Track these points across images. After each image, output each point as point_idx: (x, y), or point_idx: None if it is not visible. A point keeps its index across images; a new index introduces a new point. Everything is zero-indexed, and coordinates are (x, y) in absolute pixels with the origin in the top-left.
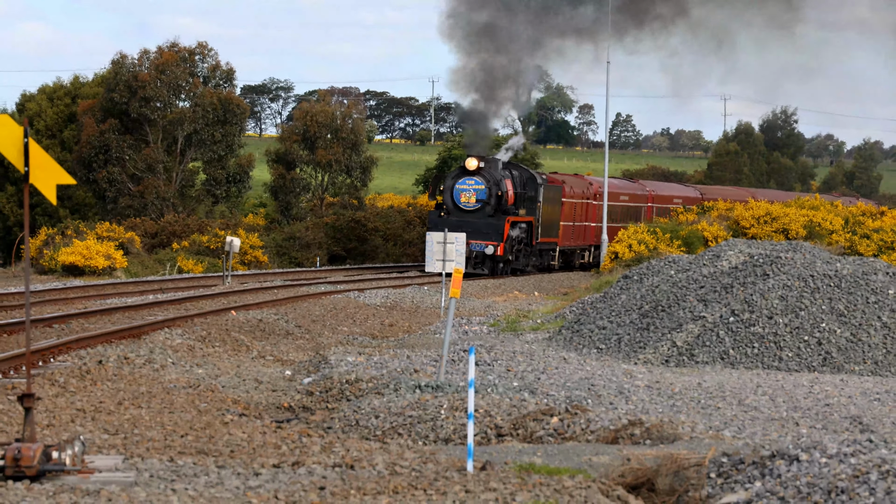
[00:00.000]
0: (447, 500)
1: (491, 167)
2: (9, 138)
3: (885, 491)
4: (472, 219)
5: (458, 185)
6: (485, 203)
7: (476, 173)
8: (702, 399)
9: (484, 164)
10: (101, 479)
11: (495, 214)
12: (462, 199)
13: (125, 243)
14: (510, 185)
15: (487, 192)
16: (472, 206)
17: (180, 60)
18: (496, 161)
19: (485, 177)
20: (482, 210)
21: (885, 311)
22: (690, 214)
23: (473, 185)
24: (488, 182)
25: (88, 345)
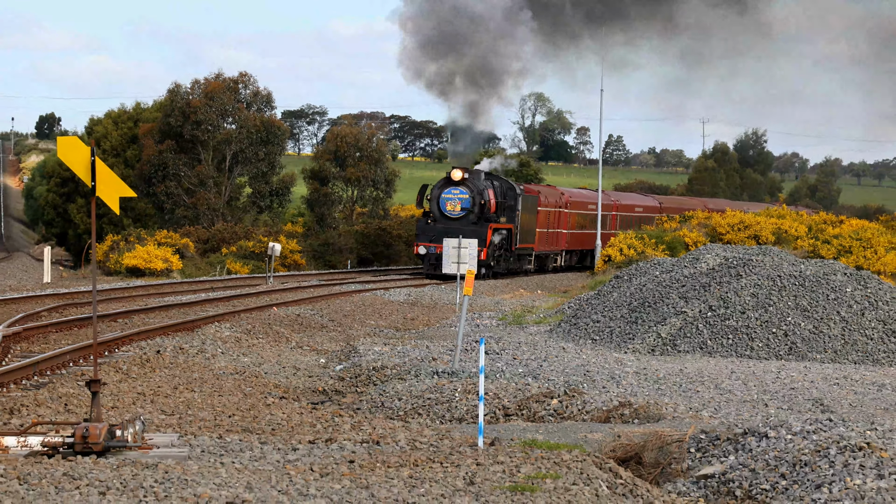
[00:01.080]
0: (460, 471)
1: (474, 178)
2: (78, 157)
3: (843, 464)
4: (457, 226)
5: (444, 195)
6: (469, 211)
7: (461, 183)
8: (683, 383)
9: (468, 175)
10: (159, 454)
11: (478, 222)
12: (448, 207)
13: (181, 248)
14: (492, 195)
15: (471, 201)
16: (457, 214)
17: (226, 88)
18: (479, 172)
19: (469, 187)
20: (466, 218)
21: (843, 307)
22: (673, 223)
23: (458, 194)
24: (472, 192)
25: (148, 337)
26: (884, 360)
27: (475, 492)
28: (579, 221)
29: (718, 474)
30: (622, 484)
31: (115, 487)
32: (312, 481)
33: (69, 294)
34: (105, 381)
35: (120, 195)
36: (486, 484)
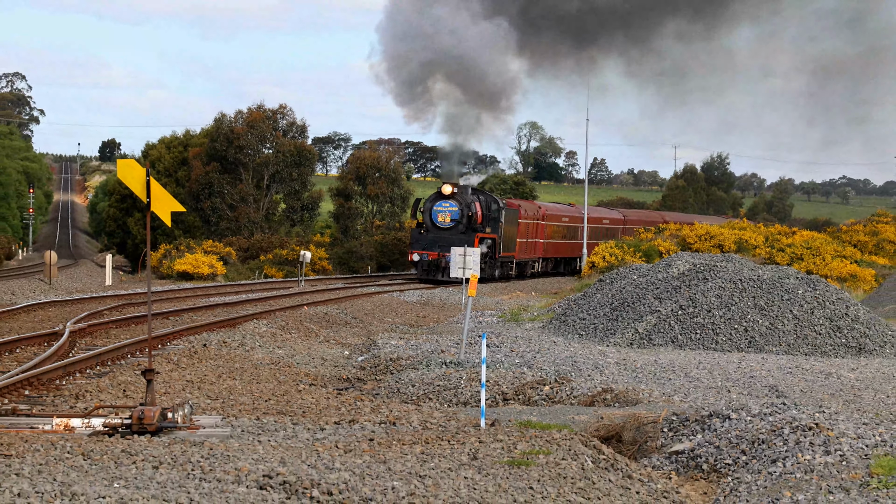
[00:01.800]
0: (465, 448)
1: (463, 192)
2: (135, 177)
3: (795, 442)
4: (447, 235)
5: (435, 207)
6: (458, 222)
7: (451, 197)
8: (657, 372)
9: (457, 190)
10: (205, 434)
11: (466, 232)
12: (439, 218)
13: (224, 256)
14: (479, 208)
15: (460, 213)
16: (447, 225)
17: (265, 118)
18: (466, 187)
19: (458, 200)
20: (456, 228)
21: (795, 306)
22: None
23: (448, 206)
24: (461, 205)
25: (196, 332)
26: (830, 352)
27: (478, 466)
28: (554, 232)
29: (688, 451)
30: (604, 459)
31: (166, 462)
32: (337, 457)
33: (127, 295)
34: (158, 371)
35: (171, 210)
36: (487, 459)
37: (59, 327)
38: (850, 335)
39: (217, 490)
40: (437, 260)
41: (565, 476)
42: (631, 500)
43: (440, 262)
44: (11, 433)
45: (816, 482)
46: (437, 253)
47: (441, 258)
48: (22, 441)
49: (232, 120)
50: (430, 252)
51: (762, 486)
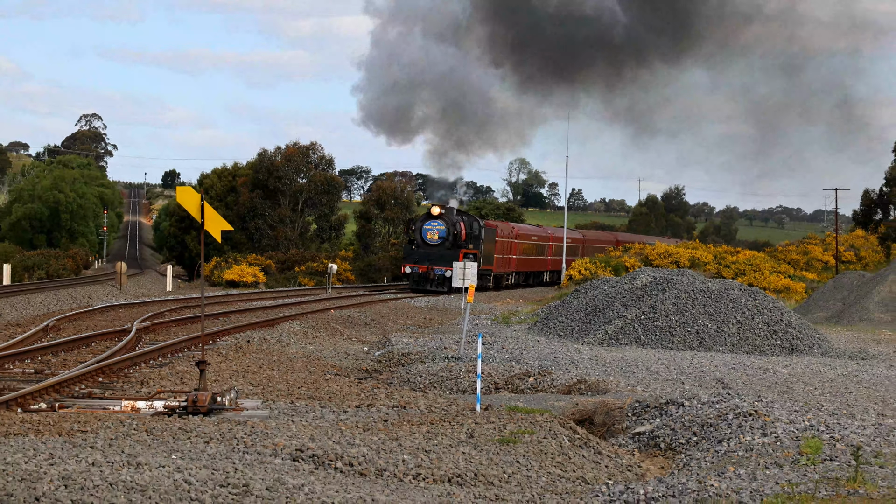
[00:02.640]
0: (464, 428)
1: (449, 213)
2: (191, 201)
3: (737, 425)
4: (436, 251)
5: (425, 226)
6: (445, 239)
7: (439, 217)
8: (623, 367)
9: (444, 211)
10: (247, 414)
11: (452, 248)
12: (428, 236)
13: (265, 267)
14: (463, 227)
15: (447, 231)
16: (435, 242)
17: (299, 153)
18: (452, 209)
19: (445, 220)
20: (443, 245)
21: (738, 313)
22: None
23: (437, 225)
24: (448, 224)
25: (241, 331)
26: (767, 351)
27: (474, 443)
28: (525, 249)
29: (648, 432)
30: (579, 438)
31: (215, 437)
32: (357, 434)
33: (184, 299)
34: (209, 362)
35: (221, 229)
36: (481, 437)
37: (127, 325)
38: (784, 337)
39: (257, 461)
40: (426, 272)
41: (546, 452)
42: (601, 472)
43: (429, 274)
44: (87, 413)
45: (755, 459)
46: (426, 266)
47: (430, 270)
48: (96, 419)
49: (272, 154)
50: (420, 265)
51: (710, 462)
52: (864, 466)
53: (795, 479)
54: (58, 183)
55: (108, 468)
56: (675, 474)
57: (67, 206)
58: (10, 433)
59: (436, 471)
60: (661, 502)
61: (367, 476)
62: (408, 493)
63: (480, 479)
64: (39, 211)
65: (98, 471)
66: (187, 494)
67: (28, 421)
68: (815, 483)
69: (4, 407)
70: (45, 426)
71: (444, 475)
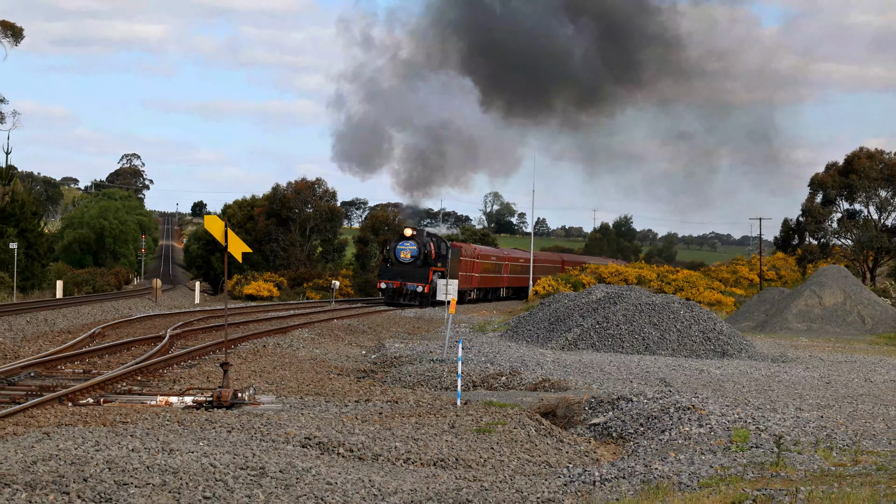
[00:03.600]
0: (446, 420)
1: (420, 235)
2: (217, 227)
3: (678, 418)
4: (408, 269)
5: (398, 246)
6: (416, 258)
7: (411, 238)
8: (581, 368)
9: (416, 233)
10: (264, 408)
11: (423, 266)
12: (402, 255)
13: (278, 283)
14: (433, 247)
15: (419, 251)
16: (408, 261)
17: (307, 187)
18: (422, 230)
19: (417, 241)
20: (414, 263)
21: (678, 323)
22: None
23: (409, 245)
24: (419, 244)
25: (258, 337)
26: (703, 355)
27: (455, 432)
28: (485, 268)
29: (602, 423)
30: (544, 428)
31: (237, 427)
32: (357, 425)
33: (210, 310)
34: (231, 364)
35: (242, 251)
36: (462, 427)
37: (161, 332)
38: (717, 343)
39: (272, 447)
40: (399, 287)
41: (516, 440)
42: (562, 457)
43: (402, 289)
44: (128, 406)
45: (692, 446)
46: (399, 282)
47: (403, 286)
48: (135, 412)
49: (284, 189)
50: (395, 281)
51: (654, 449)
52: (785, 453)
53: (727, 463)
54: (103, 212)
55: (146, 453)
56: (625, 459)
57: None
58: (63, 424)
59: (423, 456)
60: (613, 483)
61: (365, 460)
62: (399, 474)
63: (461, 463)
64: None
65: (137, 455)
66: (212, 476)
67: (77, 413)
68: (743, 467)
69: (57, 401)
70: (92, 418)
71: (430, 459)
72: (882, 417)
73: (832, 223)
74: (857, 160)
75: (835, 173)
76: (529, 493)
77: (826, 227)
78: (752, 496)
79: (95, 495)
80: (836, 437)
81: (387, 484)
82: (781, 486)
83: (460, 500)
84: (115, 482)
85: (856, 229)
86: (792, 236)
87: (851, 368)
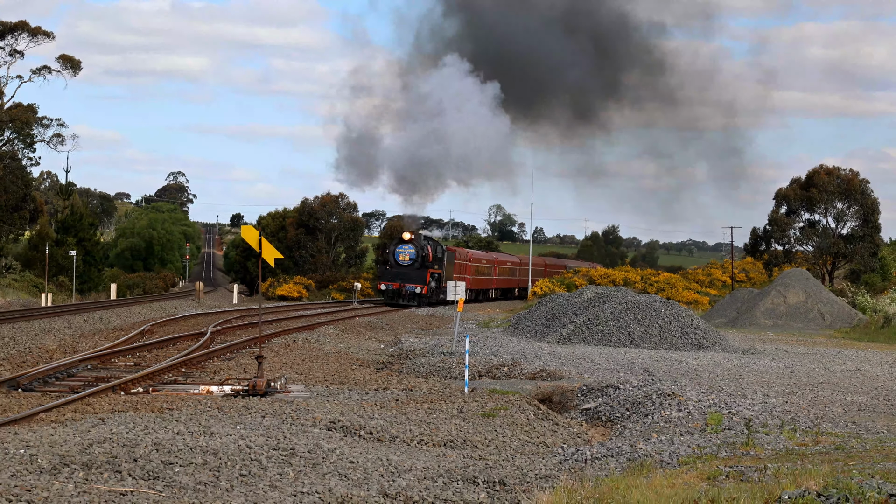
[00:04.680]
0: (455, 405)
1: (418, 238)
2: (252, 236)
3: (659, 403)
4: (407, 271)
5: (397, 249)
6: (414, 261)
7: (409, 241)
8: (574, 360)
9: (414, 237)
10: (294, 396)
11: (421, 268)
12: (400, 258)
13: (307, 285)
14: (430, 250)
15: (417, 254)
16: (406, 263)
17: (332, 201)
18: (420, 234)
19: (415, 244)
20: (412, 265)
21: (659, 319)
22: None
23: (408, 249)
24: (417, 247)
25: (289, 333)
26: (681, 347)
27: (463, 416)
28: (476, 271)
29: (593, 408)
30: (542, 413)
31: (270, 413)
32: (376, 410)
33: (247, 309)
34: (265, 356)
35: (274, 257)
36: (468, 412)
37: (203, 329)
38: (694, 337)
39: (301, 431)
40: (399, 289)
41: (517, 423)
42: (558, 438)
43: (402, 290)
44: (173, 395)
45: (672, 428)
46: (398, 283)
47: (402, 287)
48: (179, 400)
49: (311, 202)
50: (394, 283)
51: (639, 431)
52: (754, 434)
53: (703, 443)
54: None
55: (189, 436)
56: (613, 440)
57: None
58: (115, 410)
59: (434, 437)
60: (602, 461)
61: (383, 441)
62: (413, 454)
63: (468, 444)
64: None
65: (181, 438)
66: (248, 456)
67: (129, 401)
68: (717, 446)
69: (111, 391)
70: (142, 405)
71: (441, 440)
72: (840, 403)
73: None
74: (817, 176)
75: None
76: (529, 470)
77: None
78: (726, 472)
79: (144, 473)
80: (799, 420)
81: (402, 462)
82: (751, 463)
83: (467, 477)
84: (162, 462)
85: (816, 237)
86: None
87: (812, 359)
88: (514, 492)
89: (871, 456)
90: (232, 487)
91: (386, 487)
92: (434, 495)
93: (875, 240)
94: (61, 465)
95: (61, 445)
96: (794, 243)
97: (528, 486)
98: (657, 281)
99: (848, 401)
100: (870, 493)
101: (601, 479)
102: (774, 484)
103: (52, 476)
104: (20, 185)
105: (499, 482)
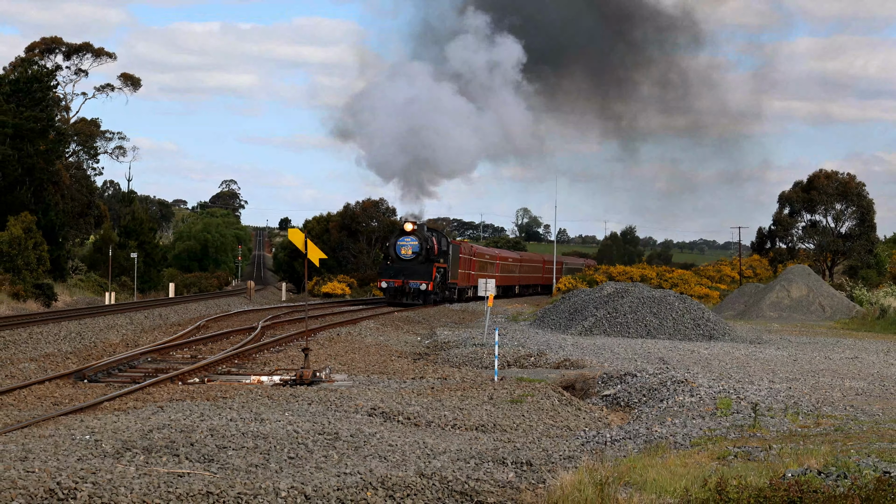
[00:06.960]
0: (486, 393)
1: (421, 229)
2: (298, 238)
3: (673, 389)
4: (409, 266)
5: (399, 242)
6: (418, 254)
7: (412, 233)
8: (595, 350)
9: (416, 228)
10: (337, 385)
11: (426, 262)
12: (402, 251)
13: (350, 283)
14: (435, 242)
15: (420, 247)
16: (409, 257)
17: (372, 205)
18: (423, 225)
19: (418, 236)
20: (416, 259)
21: (673, 312)
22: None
23: (410, 241)
24: (420, 239)
25: (333, 327)
26: (694, 338)
27: (493, 402)
28: (480, 266)
29: (612, 394)
30: (565, 399)
31: (316, 400)
32: (413, 397)
33: (294, 305)
34: (311, 349)
35: (319, 257)
36: (498, 399)
37: (254, 324)
38: (705, 328)
39: (344, 416)
40: (401, 286)
41: (543, 408)
42: (580, 422)
43: (405, 287)
44: (227, 385)
45: (685, 413)
46: (401, 280)
47: (405, 284)
48: (233, 389)
49: (353, 207)
50: (396, 280)
51: (654, 415)
52: (760, 417)
53: (713, 426)
54: (207, 227)
55: (241, 422)
56: (631, 423)
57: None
58: (174, 399)
59: (467, 422)
60: (621, 443)
61: (420, 426)
62: (447, 437)
63: (497, 428)
64: (194, 246)
65: (234, 424)
66: (296, 440)
67: (186, 391)
68: (726, 429)
69: (169, 381)
70: (198, 394)
71: (473, 425)
72: (839, 388)
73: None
74: (818, 179)
75: (799, 190)
76: (553, 452)
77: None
78: (734, 452)
79: (200, 457)
80: (801, 404)
81: (437, 445)
82: (757, 444)
83: (497, 458)
84: (217, 446)
85: (816, 236)
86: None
87: (814, 348)
88: (540, 471)
89: (868, 437)
90: (281, 469)
91: (422, 468)
92: (466, 475)
93: (871, 238)
94: (123, 449)
95: (123, 432)
96: (797, 242)
97: (553, 466)
98: (671, 277)
99: (846, 386)
100: (866, 470)
101: (620, 460)
102: (779, 463)
103: (115, 460)
104: (85, 193)
105: (526, 463)
